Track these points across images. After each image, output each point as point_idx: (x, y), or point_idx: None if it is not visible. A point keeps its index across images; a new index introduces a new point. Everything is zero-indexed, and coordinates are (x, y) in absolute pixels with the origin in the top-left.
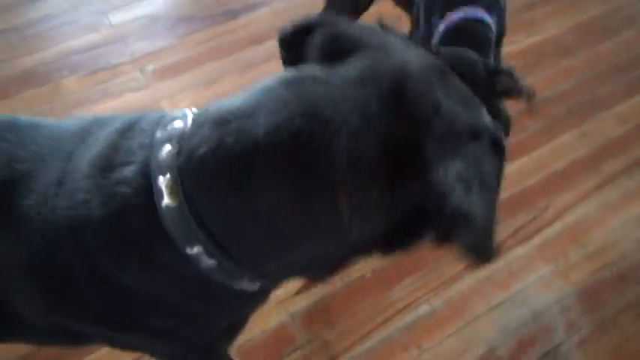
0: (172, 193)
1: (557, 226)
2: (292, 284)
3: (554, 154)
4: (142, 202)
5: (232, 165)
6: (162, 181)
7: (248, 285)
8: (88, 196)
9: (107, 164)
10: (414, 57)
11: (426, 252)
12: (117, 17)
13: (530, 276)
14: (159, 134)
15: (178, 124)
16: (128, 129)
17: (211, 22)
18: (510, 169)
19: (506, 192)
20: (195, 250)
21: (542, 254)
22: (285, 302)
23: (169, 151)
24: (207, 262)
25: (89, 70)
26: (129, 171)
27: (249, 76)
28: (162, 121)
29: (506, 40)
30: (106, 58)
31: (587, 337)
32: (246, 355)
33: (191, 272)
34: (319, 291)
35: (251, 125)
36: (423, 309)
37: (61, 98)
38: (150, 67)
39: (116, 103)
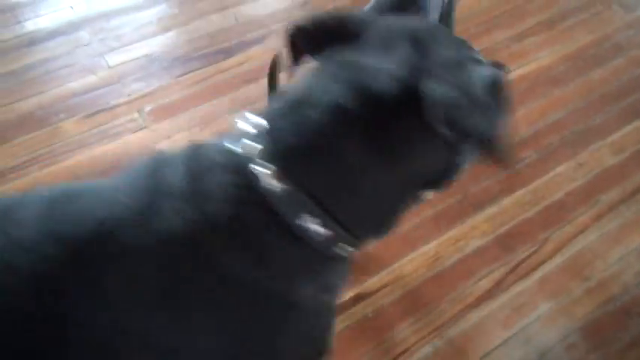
0: (279, 179)
1: (558, 260)
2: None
3: (550, 186)
4: (249, 197)
5: (323, 139)
6: (266, 172)
7: (348, 250)
8: (194, 206)
9: (193, 178)
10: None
11: (426, 290)
12: (114, 59)
13: (533, 312)
14: (234, 140)
15: (244, 126)
16: (192, 154)
17: (206, 61)
18: (507, 202)
19: (504, 226)
20: (310, 224)
21: (544, 289)
22: None
23: (258, 147)
24: (322, 232)
25: (87, 113)
26: (222, 176)
27: None
28: (221, 137)
29: None
30: (104, 100)
31: None
32: None
33: (303, 250)
34: None
35: (321, 103)
36: (426, 350)
37: (60, 141)
38: (147, 108)
39: (115, 145)
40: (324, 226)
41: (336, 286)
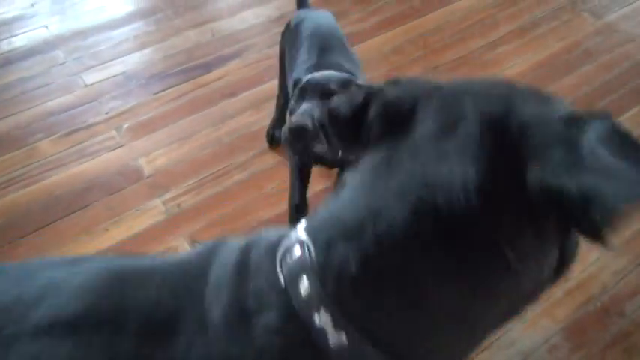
0: (337, 327)
1: None
2: None
3: None
4: (300, 344)
5: (390, 274)
6: (322, 318)
7: None
8: (236, 349)
9: (242, 312)
10: (477, 86)
11: None
12: (91, 77)
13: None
14: (285, 269)
15: (298, 251)
16: (243, 266)
17: (184, 77)
18: None
19: None
20: None
21: None
22: None
23: (310, 284)
24: None
25: (65, 132)
26: (271, 316)
27: (224, 130)
28: (275, 251)
29: None
30: (82, 119)
31: None
32: None
33: None
34: None
35: (383, 228)
36: None
37: (37, 161)
38: (125, 126)
39: (94, 164)
40: None
41: None
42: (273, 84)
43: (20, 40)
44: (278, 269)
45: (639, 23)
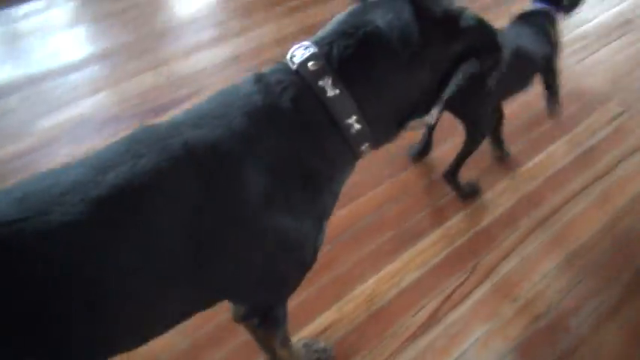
0: (334, 86)
1: (487, 285)
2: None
3: (476, 214)
4: (309, 100)
5: (364, 58)
6: (324, 82)
7: (364, 149)
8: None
9: (267, 92)
10: None
11: (366, 329)
12: (43, 123)
13: (469, 338)
14: (295, 61)
15: (300, 51)
16: (261, 78)
17: (139, 120)
18: (438, 234)
19: (435, 258)
20: (350, 119)
21: (478, 315)
22: None
23: (315, 63)
24: (356, 127)
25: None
26: (289, 90)
27: None
28: (285, 63)
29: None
30: (35, 166)
31: None
32: None
33: (338, 141)
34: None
35: (370, 32)
36: None
37: None
38: None
39: None
40: (361, 125)
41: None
42: None
43: None
44: (290, 65)
45: None
